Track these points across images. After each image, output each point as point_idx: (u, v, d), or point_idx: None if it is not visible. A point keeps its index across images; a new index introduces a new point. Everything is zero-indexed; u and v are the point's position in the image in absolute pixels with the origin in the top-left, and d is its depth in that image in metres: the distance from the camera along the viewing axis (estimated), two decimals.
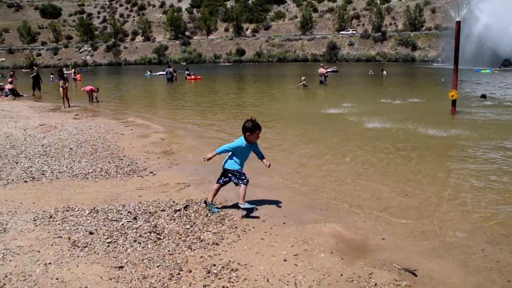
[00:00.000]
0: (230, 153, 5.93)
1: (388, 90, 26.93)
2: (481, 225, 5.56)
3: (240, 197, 5.78)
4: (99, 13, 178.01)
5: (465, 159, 9.03)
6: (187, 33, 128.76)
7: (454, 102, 14.68)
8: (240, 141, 5.88)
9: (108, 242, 4.90)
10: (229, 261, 4.49)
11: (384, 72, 43.62)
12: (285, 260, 4.51)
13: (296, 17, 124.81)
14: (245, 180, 5.83)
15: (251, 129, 5.78)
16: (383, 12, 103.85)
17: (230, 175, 5.92)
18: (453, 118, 14.27)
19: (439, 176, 7.75)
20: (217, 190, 6.02)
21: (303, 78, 27.47)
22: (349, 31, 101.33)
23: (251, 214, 5.73)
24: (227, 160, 5.96)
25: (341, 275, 4.25)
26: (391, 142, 10.52)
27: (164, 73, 40.59)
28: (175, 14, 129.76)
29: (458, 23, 14.66)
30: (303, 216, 5.78)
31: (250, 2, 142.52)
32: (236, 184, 5.89)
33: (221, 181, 6.01)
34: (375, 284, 4.09)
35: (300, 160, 9.01)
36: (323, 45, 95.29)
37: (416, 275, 4.30)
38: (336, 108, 16.74)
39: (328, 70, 32.86)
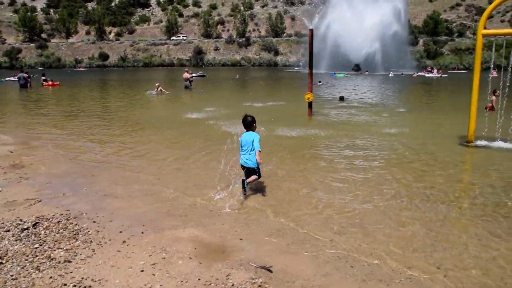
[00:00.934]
0: (253, 151, 6.79)
1: (252, 94, 27.89)
2: (331, 218, 6.02)
3: (251, 180, 6.89)
4: None
5: (319, 157, 9.71)
6: (43, 35, 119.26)
7: (310, 104, 15.73)
8: (255, 134, 6.99)
9: None
10: (82, 278, 4.26)
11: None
12: (142, 271, 4.42)
13: (162, 21, 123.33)
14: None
15: (254, 121, 7.09)
16: (247, 19, 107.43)
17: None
18: (310, 119, 15.28)
19: (297, 175, 8.22)
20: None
21: (157, 84, 26.92)
22: (179, 36, 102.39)
23: None
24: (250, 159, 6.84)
25: (199, 279, 4.29)
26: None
27: (16, 78, 37.10)
28: (29, 13, 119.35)
29: (311, 30, 15.77)
30: (162, 223, 5.72)
31: (112, 4, 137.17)
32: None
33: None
34: (232, 285, 4.20)
35: (161, 166, 8.88)
36: (189, 49, 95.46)
37: (271, 271, 4.50)
38: (199, 112, 16.85)
39: (193, 75, 32.91)
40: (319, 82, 36.02)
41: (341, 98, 22.22)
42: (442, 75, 50.84)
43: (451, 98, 25.58)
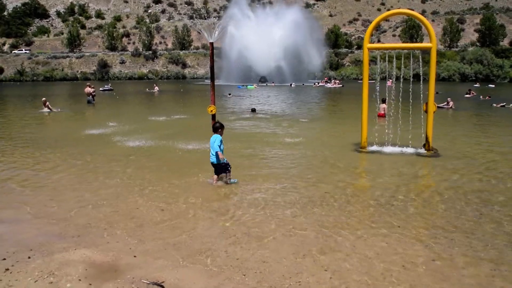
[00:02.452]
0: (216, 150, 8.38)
1: (157, 108, 27.50)
2: (227, 229, 6.15)
3: (228, 177, 8.59)
4: None
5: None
6: None
7: (213, 117, 15.84)
8: (218, 136, 8.63)
9: None
10: None
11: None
12: None
13: (62, 33, 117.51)
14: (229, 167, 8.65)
15: (223, 127, 9.02)
16: (153, 31, 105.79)
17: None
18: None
19: (192, 188, 8.28)
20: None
21: (43, 99, 24.12)
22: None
23: None
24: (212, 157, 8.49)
25: None
26: (153, 160, 10.81)
27: None
28: None
29: (212, 44, 15.94)
30: (52, 246, 5.50)
31: (6, 14, 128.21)
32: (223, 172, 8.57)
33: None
34: None
35: (55, 186, 8.49)
36: (93, 63, 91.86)
37: (163, 287, 4.52)
38: (101, 128, 16.28)
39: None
40: (229, 94, 36.60)
41: (253, 110, 22.63)
42: (338, 85, 53.93)
43: (348, 107, 27.13)
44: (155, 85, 46.89)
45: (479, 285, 4.61)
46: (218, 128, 8.92)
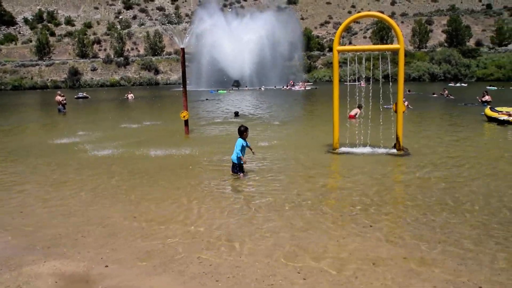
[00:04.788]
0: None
1: (130, 115, 27.16)
2: (200, 235, 6.12)
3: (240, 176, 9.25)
4: None
5: (196, 175, 9.80)
6: None
7: (186, 122, 15.81)
8: (241, 140, 9.27)
9: None
10: None
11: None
12: None
13: (31, 41, 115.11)
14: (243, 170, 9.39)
15: (247, 129, 9.46)
16: (124, 37, 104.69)
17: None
18: (187, 138, 15.33)
19: (165, 195, 8.20)
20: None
21: None
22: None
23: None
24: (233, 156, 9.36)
25: None
26: (125, 167, 10.66)
27: None
28: None
29: (183, 49, 15.91)
30: (20, 260, 5.37)
31: None
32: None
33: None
34: None
35: (23, 198, 8.28)
36: (63, 70, 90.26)
37: None
38: (70, 137, 15.88)
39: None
40: (206, 99, 36.77)
41: (236, 114, 22.55)
42: (306, 88, 54.52)
43: (320, 109, 27.34)
44: (130, 92, 46.38)
45: (447, 281, 4.70)
46: (243, 131, 9.36)
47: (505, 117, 17.00)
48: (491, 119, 17.72)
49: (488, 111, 18.45)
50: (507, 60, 66.51)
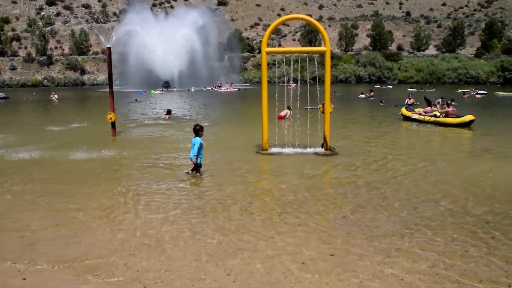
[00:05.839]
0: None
1: (54, 117, 25.82)
2: (126, 240, 5.92)
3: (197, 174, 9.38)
4: None
5: (121, 178, 9.52)
6: None
7: (113, 124, 15.32)
8: (199, 139, 9.36)
9: None
10: None
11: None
12: None
13: None
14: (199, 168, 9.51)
15: (202, 128, 9.57)
16: (47, 35, 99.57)
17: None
18: (114, 140, 14.84)
19: (90, 200, 7.89)
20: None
21: None
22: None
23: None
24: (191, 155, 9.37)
25: None
26: (48, 171, 10.13)
27: None
28: None
29: (109, 49, 15.40)
30: None
31: None
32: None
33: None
34: None
35: None
36: None
37: None
38: None
39: None
40: (136, 100, 35.90)
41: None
42: (233, 89, 54.96)
43: (250, 110, 27.46)
44: (54, 92, 44.10)
45: (372, 275, 4.89)
46: (198, 130, 9.45)
47: (416, 116, 19.23)
48: (406, 118, 19.94)
49: (404, 110, 20.69)
50: (424, 64, 70.68)
